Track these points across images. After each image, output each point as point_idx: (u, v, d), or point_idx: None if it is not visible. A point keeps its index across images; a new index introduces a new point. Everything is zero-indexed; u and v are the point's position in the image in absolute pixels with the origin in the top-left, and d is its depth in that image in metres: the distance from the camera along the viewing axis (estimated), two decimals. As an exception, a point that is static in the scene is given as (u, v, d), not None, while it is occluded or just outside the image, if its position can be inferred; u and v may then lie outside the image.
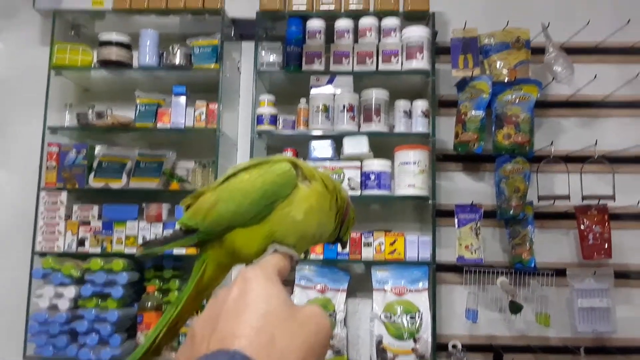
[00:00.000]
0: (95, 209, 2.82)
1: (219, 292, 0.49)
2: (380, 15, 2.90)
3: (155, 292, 2.65)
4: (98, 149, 2.99)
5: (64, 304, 2.62)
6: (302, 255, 0.67)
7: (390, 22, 2.88)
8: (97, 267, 2.63)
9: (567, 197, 2.73)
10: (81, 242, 2.76)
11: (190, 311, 0.69)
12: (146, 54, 2.92)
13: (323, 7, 2.89)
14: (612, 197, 2.71)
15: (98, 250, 2.75)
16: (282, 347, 0.42)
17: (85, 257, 2.74)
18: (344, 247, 0.77)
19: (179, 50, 2.90)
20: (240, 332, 0.42)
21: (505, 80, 2.84)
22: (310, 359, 0.43)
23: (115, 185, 2.84)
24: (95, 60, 2.96)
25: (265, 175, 0.65)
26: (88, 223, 2.79)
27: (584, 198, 2.73)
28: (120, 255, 2.73)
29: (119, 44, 2.92)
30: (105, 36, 2.92)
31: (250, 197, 0.65)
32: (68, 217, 2.81)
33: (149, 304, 2.58)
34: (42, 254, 2.76)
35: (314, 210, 0.66)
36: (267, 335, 0.42)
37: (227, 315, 0.44)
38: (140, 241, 2.75)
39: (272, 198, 0.64)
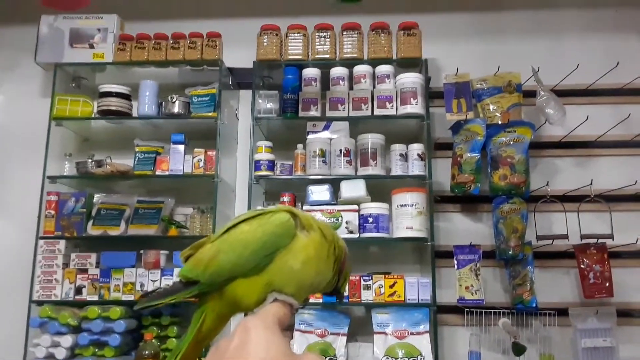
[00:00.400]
0: (94, 257, 2.81)
1: (220, 342, 0.51)
2: (374, 62, 2.97)
3: (153, 340, 2.60)
4: (97, 197, 3.02)
5: (60, 354, 2.58)
6: (302, 305, 0.68)
7: (384, 69, 2.95)
8: (95, 315, 2.60)
9: (566, 237, 2.73)
10: (79, 290, 2.74)
11: None
12: (145, 104, 2.97)
13: (318, 56, 2.96)
14: (611, 236, 2.71)
15: (96, 298, 2.73)
16: None
17: (82, 305, 2.71)
18: (340, 299, 0.77)
19: (177, 99, 2.96)
20: None
21: (499, 123, 2.89)
22: None
23: (114, 232, 2.84)
24: (95, 110, 3.01)
25: (265, 226, 0.67)
26: (86, 271, 2.78)
27: (582, 237, 2.73)
28: (118, 302, 2.70)
29: (118, 95, 2.98)
30: (106, 87, 2.98)
31: (250, 247, 0.66)
32: (66, 265, 2.80)
33: (147, 352, 2.54)
34: (40, 303, 2.73)
35: (312, 260, 0.66)
36: None
37: None
38: (138, 288, 2.73)
39: (271, 248, 0.65)
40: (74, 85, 3.16)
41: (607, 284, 2.72)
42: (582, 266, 2.75)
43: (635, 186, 2.76)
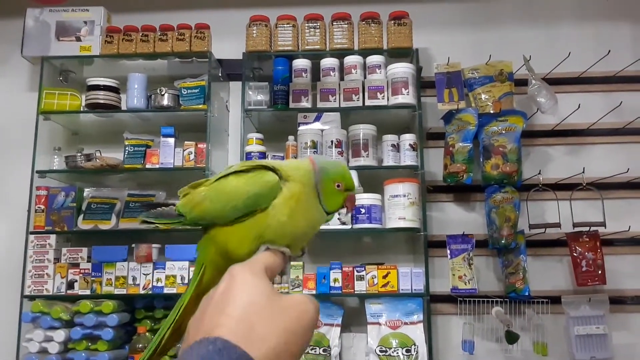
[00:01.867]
0: (85, 251, 2.79)
1: (210, 291, 0.52)
2: (364, 53, 2.95)
3: (147, 333, 2.60)
4: (87, 191, 2.99)
5: (53, 348, 2.56)
6: (300, 253, 0.71)
7: (374, 59, 2.93)
8: (87, 309, 2.59)
9: (558, 225, 2.73)
10: (70, 285, 2.73)
11: (191, 313, 0.72)
12: (134, 97, 2.94)
13: (308, 47, 2.94)
14: (603, 224, 2.71)
15: (88, 292, 2.71)
16: (262, 333, 0.45)
17: (75, 299, 2.70)
18: (341, 213, 0.80)
19: (166, 92, 2.93)
20: (222, 322, 0.45)
21: (491, 112, 2.88)
22: (292, 342, 0.47)
23: (105, 226, 2.83)
24: (83, 104, 2.98)
25: (251, 186, 0.68)
26: (77, 265, 2.76)
27: (574, 225, 2.73)
28: (110, 296, 2.69)
29: (107, 88, 2.95)
30: (94, 80, 2.95)
31: (232, 202, 0.68)
32: (57, 260, 2.78)
33: (140, 345, 2.53)
34: (32, 298, 2.71)
35: (296, 211, 0.67)
36: (248, 323, 0.45)
37: (213, 308, 0.48)
38: (130, 282, 2.71)
39: (253, 207, 0.67)
40: (61, 78, 3.12)
41: (600, 272, 2.73)
42: (574, 254, 2.76)
43: (627, 174, 2.77)
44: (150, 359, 0.68)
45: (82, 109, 2.98)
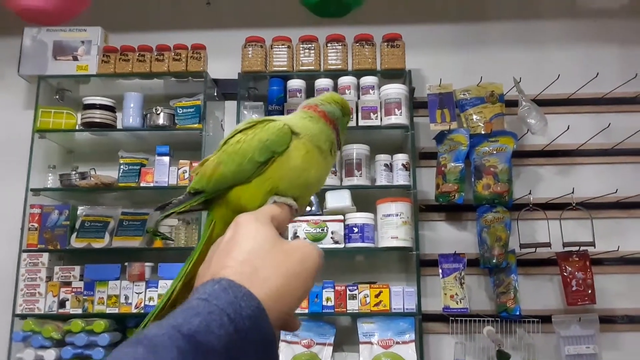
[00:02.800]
0: (77, 270, 2.79)
1: (218, 239, 0.56)
2: (358, 74, 2.99)
3: (138, 353, 2.59)
4: (81, 209, 3.00)
5: (44, 368, 2.55)
6: (306, 207, 0.73)
7: (368, 80, 2.97)
8: (78, 328, 2.58)
9: (549, 245, 2.76)
10: (62, 304, 2.72)
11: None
12: (130, 116, 2.97)
13: (303, 68, 2.98)
14: (592, 244, 2.74)
15: (79, 311, 2.71)
16: (265, 274, 0.48)
17: (66, 318, 2.69)
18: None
19: (162, 111, 2.96)
20: (227, 264, 0.48)
21: (482, 132, 2.92)
22: (295, 284, 0.49)
23: (98, 244, 2.83)
24: (79, 122, 3.00)
25: (260, 134, 0.69)
26: (69, 284, 2.76)
27: (564, 245, 2.76)
28: (102, 315, 2.69)
29: (103, 107, 2.98)
30: (90, 99, 2.98)
31: (247, 156, 0.68)
32: (49, 278, 2.78)
33: (132, 364, 2.52)
34: (23, 316, 2.71)
35: (309, 158, 0.68)
36: (251, 265, 0.48)
37: (219, 254, 0.51)
38: (122, 301, 2.71)
39: (267, 155, 0.67)
40: (57, 97, 3.15)
41: (590, 291, 2.75)
42: (564, 274, 2.78)
43: (616, 194, 2.80)
44: (161, 313, 0.68)
45: (77, 128, 3.01)
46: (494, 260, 2.74)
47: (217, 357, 0.40)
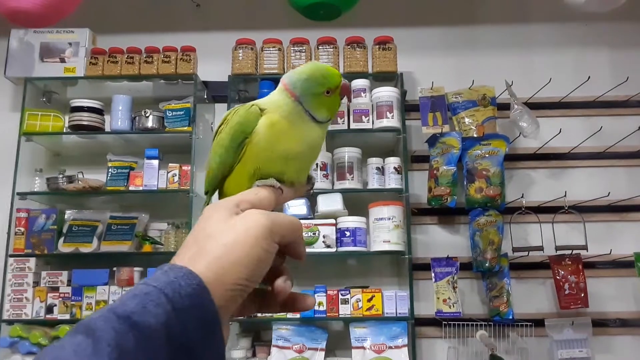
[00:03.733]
0: (65, 275, 2.75)
1: None
2: (350, 77, 2.97)
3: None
4: (68, 213, 2.96)
5: (30, 375, 2.51)
6: (306, 183, 0.69)
7: (360, 83, 2.95)
8: (66, 334, 2.54)
9: (541, 248, 2.75)
10: (50, 309, 2.68)
11: None
12: (118, 119, 2.93)
13: (294, 70, 2.95)
14: (585, 247, 2.73)
15: (67, 316, 2.66)
16: (207, 249, 0.48)
17: (54, 324, 2.65)
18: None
19: (151, 114, 2.92)
20: (177, 253, 0.50)
21: (474, 136, 2.91)
22: (238, 252, 0.49)
23: (86, 249, 2.79)
24: (66, 125, 2.95)
25: (232, 119, 0.67)
26: (57, 289, 2.72)
27: (557, 248, 2.76)
28: (91, 321, 2.64)
29: (90, 109, 2.93)
30: (77, 102, 2.93)
31: (224, 144, 0.67)
32: (36, 283, 2.73)
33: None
34: (10, 322, 2.66)
35: (280, 131, 0.64)
36: (197, 247, 0.49)
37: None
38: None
39: (240, 138, 0.65)
40: (44, 99, 3.10)
41: (582, 295, 2.74)
42: (557, 277, 2.78)
43: (608, 197, 2.80)
44: None
45: (65, 131, 2.96)
46: (487, 264, 2.73)
47: (156, 334, 0.40)
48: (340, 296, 2.68)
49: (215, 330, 0.45)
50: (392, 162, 2.86)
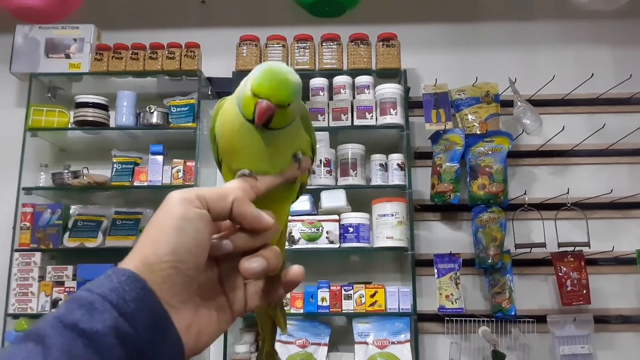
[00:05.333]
0: (70, 270, 2.76)
1: None
2: (353, 73, 2.98)
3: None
4: (73, 208, 2.97)
5: (36, 369, 2.52)
6: (295, 167, 0.60)
7: (363, 79, 2.96)
8: (72, 328, 2.56)
9: (544, 245, 2.76)
10: (55, 303, 2.70)
11: None
12: (123, 114, 2.94)
13: (298, 67, 2.97)
14: (587, 244, 2.74)
15: (72, 311, 2.68)
16: (141, 240, 0.47)
17: (59, 319, 2.66)
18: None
19: (155, 109, 2.93)
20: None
21: (478, 133, 2.92)
22: (155, 234, 0.47)
23: (91, 244, 2.81)
24: (71, 120, 2.97)
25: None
26: (62, 284, 2.74)
27: (559, 245, 2.76)
28: (96, 316, 2.66)
29: (95, 105, 2.95)
30: (82, 98, 2.95)
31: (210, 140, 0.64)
32: (42, 278, 2.75)
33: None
34: (15, 316, 2.68)
35: (226, 125, 0.60)
36: (138, 244, 0.47)
37: None
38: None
39: (212, 132, 0.62)
40: (49, 95, 3.12)
41: (585, 291, 2.75)
42: (559, 274, 2.79)
43: (611, 194, 2.80)
44: None
45: (70, 126, 2.98)
46: (489, 261, 2.74)
47: (107, 339, 0.40)
48: (343, 292, 2.70)
49: (165, 328, 0.44)
50: (396, 158, 2.86)
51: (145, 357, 0.42)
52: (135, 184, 2.87)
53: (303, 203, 2.79)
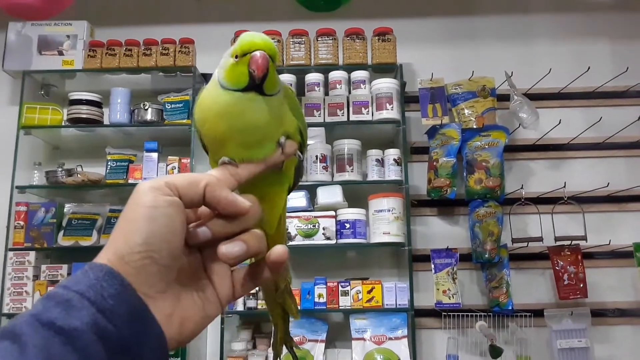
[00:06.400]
0: (65, 268, 2.75)
1: None
2: (349, 68, 2.96)
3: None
4: (67, 206, 2.95)
5: (32, 368, 2.51)
6: (279, 152, 0.57)
7: (359, 74, 2.94)
8: (67, 327, 2.54)
9: (540, 239, 2.76)
10: (50, 303, 2.67)
11: None
12: (117, 111, 2.92)
13: (293, 62, 2.95)
14: (584, 238, 2.74)
15: (68, 310, 2.66)
16: (113, 234, 0.46)
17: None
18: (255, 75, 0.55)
19: (150, 106, 2.91)
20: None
21: (474, 127, 2.90)
22: (123, 223, 0.46)
23: (86, 242, 2.79)
24: (65, 118, 2.95)
25: None
26: (57, 282, 2.71)
27: (556, 239, 2.76)
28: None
29: (89, 102, 2.92)
30: (76, 95, 2.92)
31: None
32: (36, 277, 2.74)
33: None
34: (10, 316, 2.66)
35: (205, 105, 0.57)
36: (113, 232, 0.46)
37: None
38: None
39: (197, 128, 0.60)
40: (42, 93, 3.09)
41: (582, 285, 2.75)
42: (556, 268, 2.78)
43: (607, 188, 2.80)
44: None
45: (63, 124, 2.95)
46: (487, 255, 2.73)
47: (85, 335, 0.39)
48: (340, 288, 2.69)
49: (146, 323, 0.43)
50: (392, 153, 2.85)
51: (127, 353, 0.41)
52: (130, 181, 2.85)
53: (299, 199, 2.78)
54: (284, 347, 0.71)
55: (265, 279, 0.53)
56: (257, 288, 0.64)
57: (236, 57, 0.55)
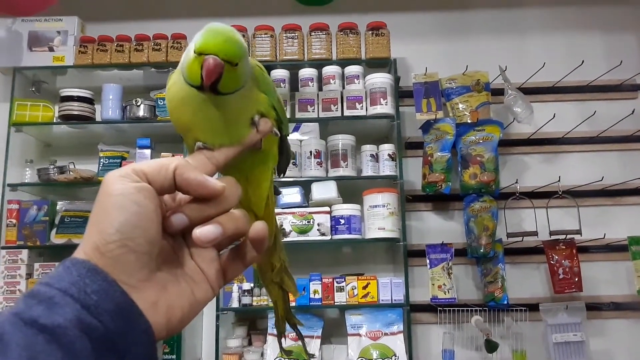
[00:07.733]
0: (58, 266, 2.72)
1: None
2: (343, 63, 2.95)
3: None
4: (60, 204, 2.93)
5: (25, 368, 2.49)
6: (254, 132, 0.56)
7: (353, 69, 2.93)
8: (61, 326, 2.52)
9: (535, 234, 2.76)
10: (44, 301, 2.66)
11: None
12: (109, 108, 2.90)
13: (286, 57, 2.93)
14: (579, 232, 2.74)
15: (62, 308, 2.64)
16: (87, 227, 0.45)
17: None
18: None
19: (142, 102, 2.89)
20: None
21: (468, 122, 2.90)
22: (96, 210, 0.45)
23: (79, 240, 2.73)
24: (56, 115, 2.92)
25: None
26: (50, 281, 2.69)
27: (551, 233, 2.76)
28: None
29: (81, 99, 2.90)
30: (67, 91, 2.90)
31: None
32: (29, 275, 2.71)
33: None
34: (2, 315, 2.64)
35: (173, 95, 0.56)
36: (87, 226, 0.45)
37: None
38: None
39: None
40: (33, 89, 3.06)
41: (576, 279, 2.76)
42: (551, 262, 2.79)
43: (602, 182, 2.80)
44: None
45: (55, 121, 2.93)
46: (482, 250, 2.73)
47: (70, 331, 0.38)
48: (335, 284, 2.68)
49: (132, 317, 0.43)
50: (386, 149, 2.84)
51: (114, 347, 0.41)
52: (123, 178, 2.82)
53: (293, 195, 2.77)
54: (287, 324, 0.71)
55: (252, 258, 0.52)
56: (253, 285, 0.63)
57: (196, 53, 0.52)
